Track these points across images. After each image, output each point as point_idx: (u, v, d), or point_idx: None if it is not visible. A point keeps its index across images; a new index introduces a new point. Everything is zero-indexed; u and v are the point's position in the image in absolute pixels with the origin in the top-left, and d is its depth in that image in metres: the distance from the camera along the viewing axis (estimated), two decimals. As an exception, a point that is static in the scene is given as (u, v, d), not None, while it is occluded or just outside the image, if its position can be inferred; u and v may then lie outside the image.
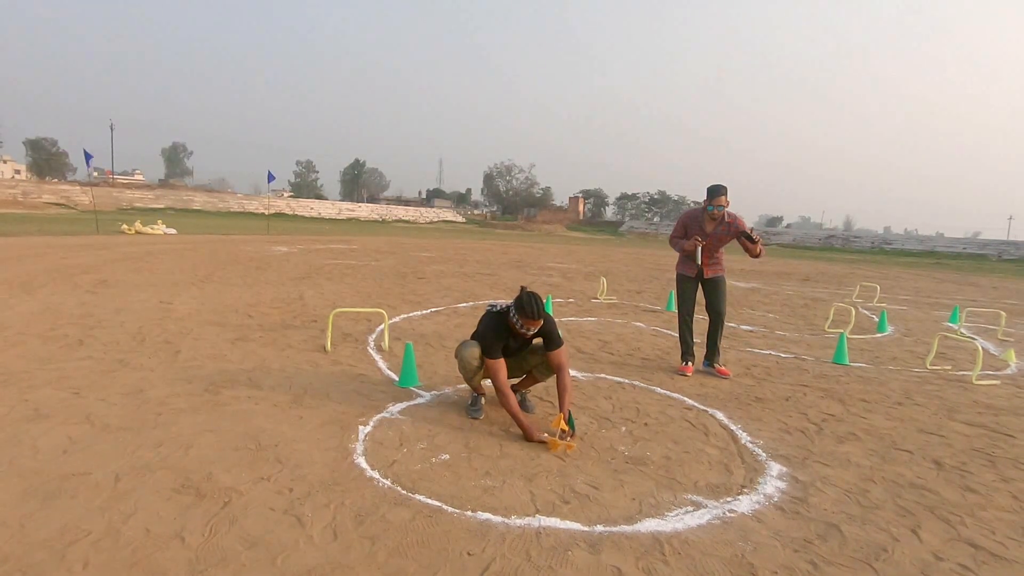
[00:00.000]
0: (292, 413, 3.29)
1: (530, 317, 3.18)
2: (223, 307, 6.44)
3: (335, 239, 22.68)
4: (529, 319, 3.19)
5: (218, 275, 9.19)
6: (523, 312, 3.19)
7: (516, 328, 3.25)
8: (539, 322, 3.22)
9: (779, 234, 65.76)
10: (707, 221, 4.71)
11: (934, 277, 20.60)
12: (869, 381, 4.82)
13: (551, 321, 3.36)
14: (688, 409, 3.82)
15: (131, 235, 19.35)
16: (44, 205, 42.02)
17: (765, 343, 6.23)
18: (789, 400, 4.15)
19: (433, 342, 5.34)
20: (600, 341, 5.81)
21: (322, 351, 4.76)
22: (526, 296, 3.21)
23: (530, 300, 3.19)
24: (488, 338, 3.27)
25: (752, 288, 12.18)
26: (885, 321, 7.58)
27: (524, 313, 3.19)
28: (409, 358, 3.98)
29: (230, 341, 4.90)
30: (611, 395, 4.04)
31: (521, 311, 3.20)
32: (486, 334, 3.29)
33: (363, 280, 9.63)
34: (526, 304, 3.18)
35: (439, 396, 3.79)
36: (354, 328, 5.68)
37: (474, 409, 3.48)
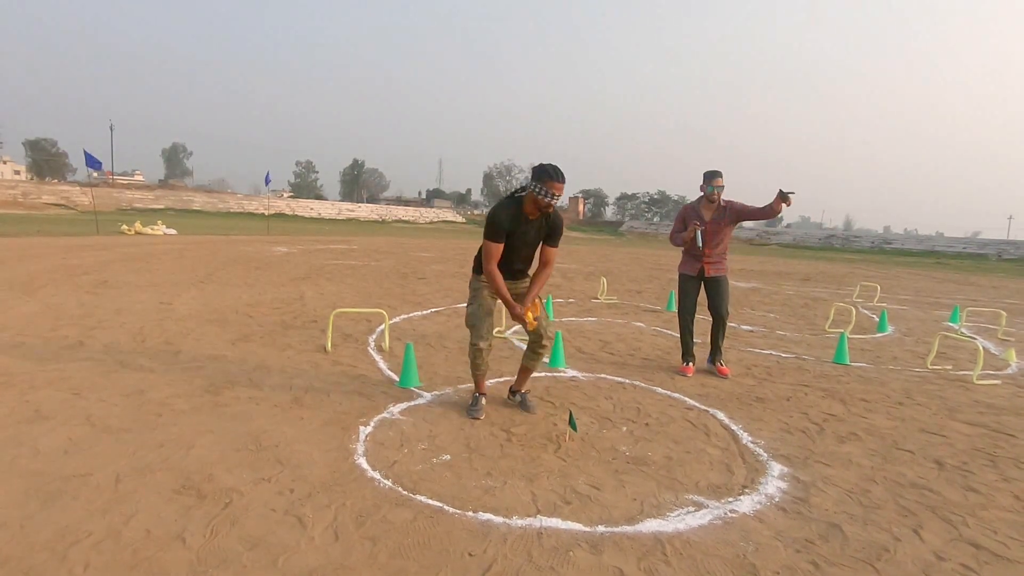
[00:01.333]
0: (293, 414, 3.29)
1: (554, 179, 3.15)
2: (223, 307, 6.44)
3: (335, 239, 22.69)
4: (553, 181, 3.15)
5: (218, 275, 9.19)
6: (546, 176, 3.15)
7: (538, 200, 3.18)
8: (562, 185, 3.20)
9: (779, 234, 65.76)
10: (705, 208, 4.71)
11: (934, 277, 20.59)
12: (870, 381, 4.82)
13: (561, 220, 3.43)
14: (689, 409, 3.82)
15: (131, 236, 19.36)
16: (44, 206, 42.04)
17: (766, 343, 6.23)
18: (790, 400, 4.15)
19: (434, 342, 5.34)
20: (601, 341, 5.81)
21: (323, 351, 4.76)
22: (547, 165, 3.21)
23: (552, 166, 3.20)
24: (495, 218, 3.26)
25: (752, 288, 12.18)
26: (886, 321, 7.58)
27: (548, 176, 3.15)
28: (409, 358, 3.98)
29: (230, 341, 4.90)
30: (612, 395, 4.03)
31: (544, 175, 3.16)
32: (495, 213, 3.28)
33: (363, 280, 9.63)
34: (549, 168, 3.18)
35: (440, 396, 3.79)
36: (354, 328, 5.68)
37: (474, 409, 3.48)
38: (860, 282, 14.45)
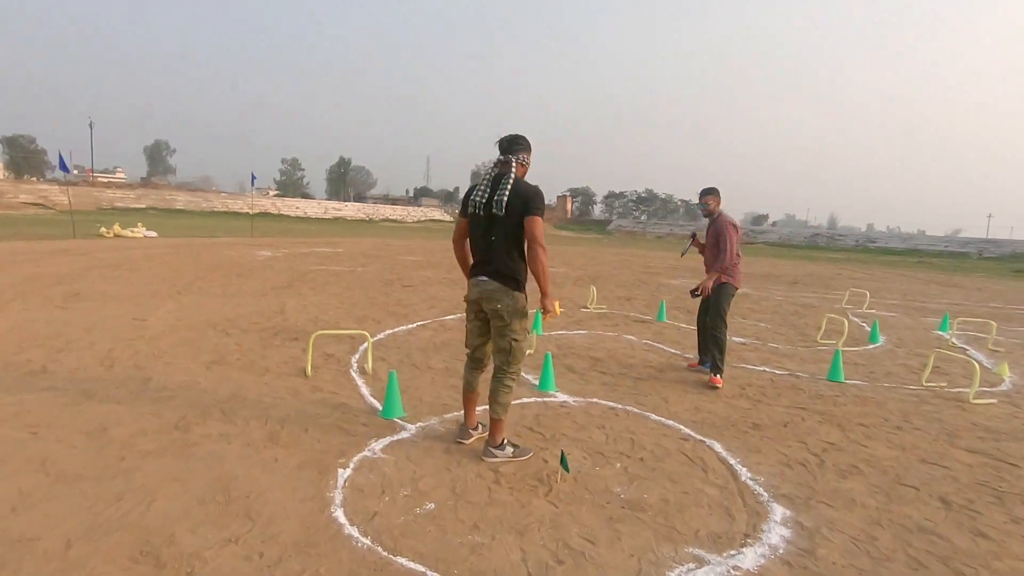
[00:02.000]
0: (267, 454, 3.09)
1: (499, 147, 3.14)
2: (200, 323, 6.20)
3: (320, 241, 22.36)
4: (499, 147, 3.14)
5: (198, 284, 8.92)
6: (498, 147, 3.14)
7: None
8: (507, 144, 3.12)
9: (764, 232, 66.26)
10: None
11: (919, 278, 20.74)
12: (866, 402, 4.71)
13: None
14: (684, 440, 3.67)
15: (110, 238, 18.90)
16: (21, 205, 41.07)
17: (758, 357, 6.12)
18: (787, 426, 4.02)
19: (419, 362, 5.15)
20: (591, 359, 5.66)
21: (302, 375, 4.56)
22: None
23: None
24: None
25: (741, 294, 12.09)
26: (877, 331, 7.51)
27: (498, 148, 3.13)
28: (392, 388, 3.79)
29: (205, 365, 4.67)
30: (604, 424, 3.88)
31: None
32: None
33: (348, 289, 9.40)
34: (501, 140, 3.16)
35: (424, 429, 3.61)
36: (337, 348, 5.47)
37: (463, 433, 3.39)
38: (849, 287, 14.44)
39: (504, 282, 3.05)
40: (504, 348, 3.15)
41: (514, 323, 3.11)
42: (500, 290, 3.05)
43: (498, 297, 3.05)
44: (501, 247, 3.02)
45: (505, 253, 3.03)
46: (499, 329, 3.13)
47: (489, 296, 3.07)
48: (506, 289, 3.05)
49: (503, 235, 3.01)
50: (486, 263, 3.09)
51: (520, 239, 3.06)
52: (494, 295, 3.05)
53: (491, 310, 3.10)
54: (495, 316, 3.11)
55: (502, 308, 3.06)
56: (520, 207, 2.97)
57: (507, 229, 3.00)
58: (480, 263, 3.14)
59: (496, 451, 3.20)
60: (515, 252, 3.06)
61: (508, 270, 3.05)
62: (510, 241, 3.02)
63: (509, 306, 3.06)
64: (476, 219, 3.10)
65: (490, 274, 3.07)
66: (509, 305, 3.06)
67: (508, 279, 3.05)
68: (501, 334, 3.14)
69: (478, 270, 3.15)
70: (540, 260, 2.98)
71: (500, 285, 3.05)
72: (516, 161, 3.10)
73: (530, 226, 2.98)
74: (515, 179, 3.03)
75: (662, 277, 15.11)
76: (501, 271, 3.05)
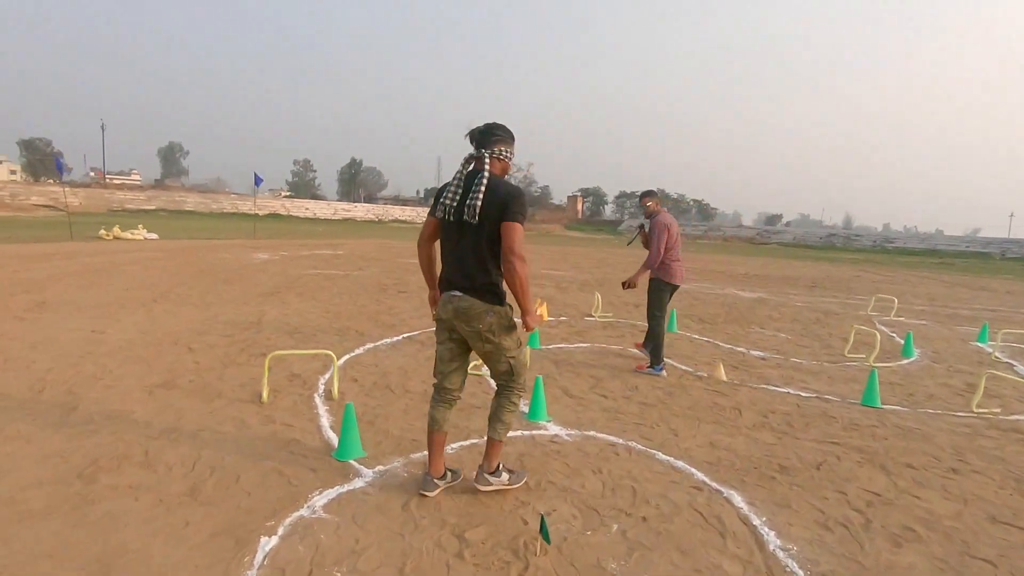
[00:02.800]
0: (178, 515, 2.50)
1: (471, 140, 2.69)
2: (163, 336, 5.65)
3: (323, 243, 21.89)
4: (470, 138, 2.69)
5: (177, 291, 8.40)
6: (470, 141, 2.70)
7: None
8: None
9: (779, 232, 65.00)
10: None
11: (943, 280, 19.83)
12: (910, 434, 4.05)
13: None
14: (697, 489, 3.04)
15: (109, 240, 18.56)
16: (32, 207, 41.18)
17: (781, 376, 5.45)
18: (821, 469, 3.38)
19: (395, 384, 4.56)
20: (591, 378, 5.03)
21: (258, 401, 3.98)
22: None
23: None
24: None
25: (758, 299, 11.40)
26: (911, 344, 6.80)
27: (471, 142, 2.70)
28: (349, 424, 3.20)
29: (150, 389, 4.11)
30: (602, 466, 3.26)
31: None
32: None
33: (337, 296, 8.84)
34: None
35: (383, 475, 3.01)
36: (305, 366, 4.89)
37: (427, 483, 2.81)
38: (873, 292, 13.67)
39: (482, 297, 2.60)
40: (504, 370, 2.76)
41: (504, 341, 2.68)
42: (479, 306, 2.60)
43: (478, 315, 2.61)
44: (477, 257, 2.59)
45: (480, 264, 2.59)
46: (490, 353, 2.70)
47: (467, 315, 2.61)
48: (486, 305, 2.60)
49: (479, 244, 2.58)
50: (461, 276, 2.63)
51: (496, 247, 2.59)
52: (473, 313, 2.60)
53: (472, 332, 2.64)
54: (479, 339, 2.66)
55: (485, 328, 2.62)
56: (496, 212, 2.53)
57: (483, 237, 2.57)
58: (453, 276, 2.66)
59: (492, 478, 2.81)
60: (490, 263, 2.61)
61: (486, 283, 2.60)
62: (486, 250, 2.59)
63: (493, 324, 2.62)
64: (447, 225, 2.66)
65: (465, 289, 2.62)
66: (491, 323, 2.62)
67: (486, 293, 2.61)
68: (495, 358, 2.72)
69: (451, 283, 2.67)
70: (517, 273, 2.52)
71: (478, 301, 2.60)
72: (492, 156, 2.64)
73: (506, 234, 2.52)
74: (490, 179, 2.57)
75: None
76: (477, 285, 2.60)
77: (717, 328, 7.86)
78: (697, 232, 65.65)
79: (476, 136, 2.66)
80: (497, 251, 2.58)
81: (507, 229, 2.52)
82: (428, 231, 2.80)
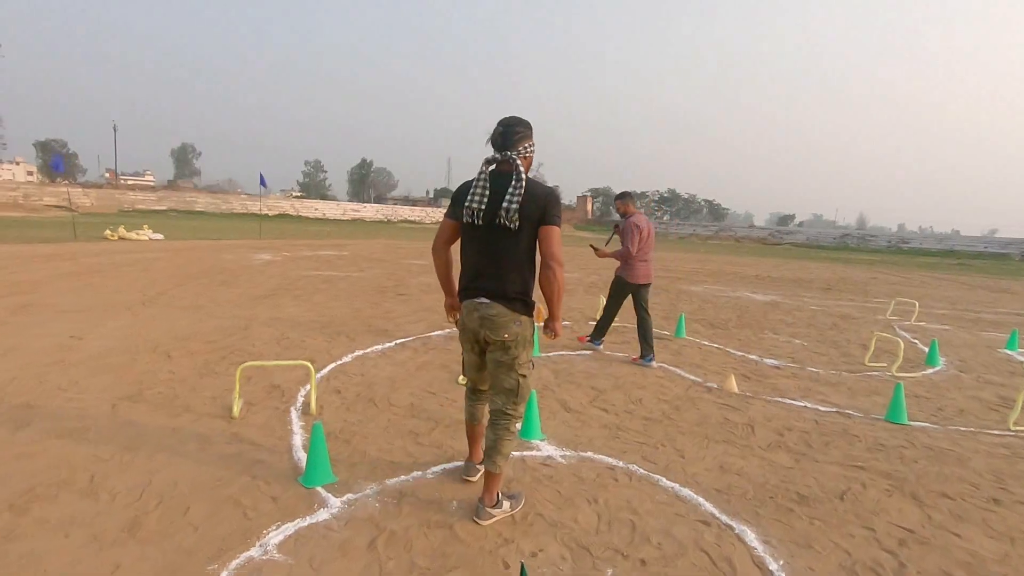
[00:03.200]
0: (109, 557, 2.20)
1: (493, 144, 2.52)
2: (143, 343, 5.38)
3: (329, 243, 21.68)
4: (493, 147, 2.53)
5: (170, 294, 8.15)
6: (492, 143, 2.53)
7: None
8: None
9: (792, 233, 64.11)
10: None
11: (962, 283, 19.23)
12: (943, 456, 3.67)
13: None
14: (705, 523, 2.69)
15: (113, 241, 18.46)
16: (44, 208, 41.44)
17: (797, 388, 5.08)
18: (845, 499, 3.01)
19: (380, 396, 4.24)
20: (593, 390, 4.69)
21: (228, 416, 3.69)
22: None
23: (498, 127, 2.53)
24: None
25: (771, 302, 10.98)
26: (936, 352, 6.38)
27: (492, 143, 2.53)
28: (318, 447, 2.89)
29: (113, 402, 3.83)
30: (598, 495, 2.92)
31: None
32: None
33: (334, 299, 8.55)
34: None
35: (352, 504, 2.69)
36: (286, 376, 4.59)
37: (468, 469, 2.96)
38: (891, 295, 13.19)
39: (511, 305, 2.49)
40: (509, 387, 2.60)
41: (522, 355, 2.58)
42: (506, 315, 2.49)
43: (504, 324, 2.49)
44: (514, 264, 2.48)
45: (515, 270, 2.48)
46: (503, 364, 2.57)
47: (493, 323, 2.50)
48: (513, 314, 2.50)
49: (512, 248, 2.46)
50: (488, 280, 2.50)
51: (532, 252, 2.52)
52: (500, 322, 2.49)
53: (496, 341, 2.52)
54: (499, 348, 2.54)
55: (509, 338, 2.51)
56: (536, 215, 2.43)
57: (518, 241, 2.46)
58: (478, 280, 2.53)
59: (494, 511, 2.62)
60: (527, 268, 2.52)
61: (517, 290, 2.49)
62: (521, 255, 2.48)
63: (517, 334, 2.52)
64: (472, 229, 2.52)
65: (492, 295, 2.49)
66: (517, 333, 2.52)
67: (516, 301, 2.50)
68: (506, 370, 2.58)
69: (475, 290, 2.54)
70: (558, 279, 2.45)
71: (506, 309, 2.49)
72: (520, 155, 2.49)
73: (547, 239, 2.44)
74: (526, 180, 2.45)
75: (683, 283, 14.00)
76: (508, 292, 2.48)
77: (728, 334, 7.48)
78: (708, 232, 64.95)
79: (498, 139, 2.50)
80: (532, 255, 2.50)
81: (548, 233, 2.42)
82: (446, 235, 2.65)
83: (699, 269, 18.75)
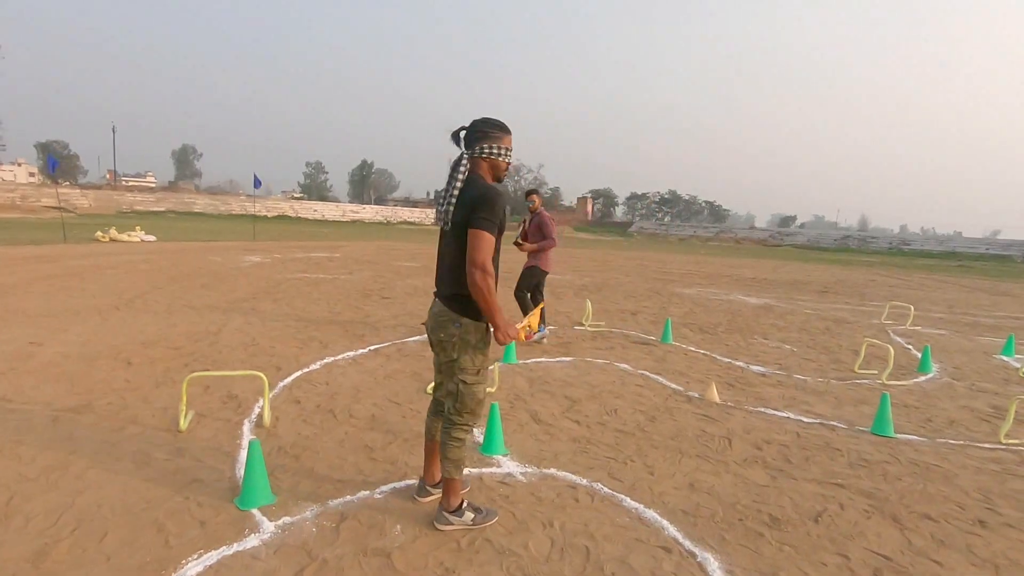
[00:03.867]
0: (3, 592, 2.02)
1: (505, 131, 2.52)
2: (105, 349, 5.21)
3: (321, 246, 21.52)
4: (507, 134, 2.52)
5: (145, 297, 7.98)
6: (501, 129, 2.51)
7: (502, 166, 2.56)
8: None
9: (792, 234, 63.86)
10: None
11: (963, 285, 19.01)
12: (929, 473, 3.47)
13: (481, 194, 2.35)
14: (666, 550, 2.50)
15: (104, 243, 18.30)
16: (42, 209, 41.31)
17: (781, 396, 4.88)
18: (820, 521, 2.82)
19: (340, 407, 4.05)
20: (566, 400, 4.50)
21: (175, 429, 3.50)
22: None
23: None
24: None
25: (764, 305, 10.78)
26: (929, 359, 6.18)
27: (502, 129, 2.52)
28: (254, 466, 2.70)
29: (57, 413, 3.65)
30: (554, 517, 2.73)
31: (499, 128, 2.51)
32: (500, 193, 2.52)
33: (314, 302, 8.37)
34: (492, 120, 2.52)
35: (286, 530, 2.50)
36: (244, 386, 4.40)
37: (420, 489, 2.83)
38: (887, 298, 12.99)
39: (450, 305, 2.48)
40: (451, 391, 2.57)
41: (462, 359, 2.50)
42: (445, 315, 2.48)
43: (442, 324, 2.49)
44: (449, 264, 2.49)
45: (451, 271, 2.47)
46: (447, 367, 2.57)
47: (435, 321, 2.52)
48: (452, 314, 2.47)
49: (452, 250, 2.46)
50: (438, 282, 2.56)
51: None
52: (439, 321, 2.50)
53: (436, 341, 2.54)
54: (440, 349, 2.54)
55: (446, 338, 2.49)
56: (463, 216, 2.37)
57: (452, 242, 2.46)
58: (436, 282, 2.59)
59: (452, 516, 2.57)
60: (461, 270, 2.42)
61: (454, 292, 2.46)
62: (458, 255, 2.42)
63: (453, 336, 2.46)
64: (441, 230, 2.56)
65: (439, 296, 2.54)
66: (453, 335, 2.46)
67: (453, 302, 2.47)
68: (449, 373, 2.56)
69: (436, 290, 2.58)
70: (477, 285, 2.33)
71: (445, 308, 2.49)
72: (473, 155, 2.47)
73: (468, 243, 2.34)
74: (467, 180, 2.43)
75: (677, 285, 13.80)
76: (446, 293, 2.50)
77: (717, 339, 7.28)
78: (708, 234, 64.72)
79: (457, 137, 2.49)
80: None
81: (470, 237, 2.33)
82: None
83: (695, 271, 18.55)
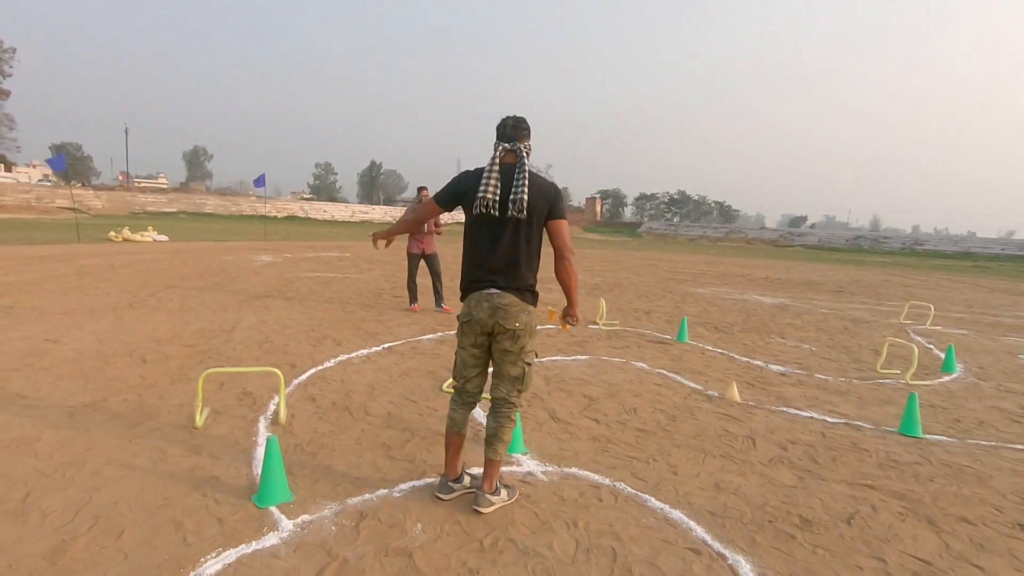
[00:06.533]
0: (20, 590, 1.98)
1: (499, 135, 2.60)
2: (120, 346, 5.19)
3: (332, 245, 21.56)
4: (500, 138, 2.60)
5: (158, 296, 7.98)
6: (500, 134, 2.61)
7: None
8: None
9: (804, 235, 63.38)
10: None
11: (980, 285, 18.74)
12: (962, 475, 3.36)
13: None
14: (695, 552, 2.42)
15: (117, 242, 18.44)
16: (57, 210, 41.75)
17: (803, 396, 4.78)
18: (852, 523, 2.73)
19: (356, 405, 4.00)
20: (585, 398, 4.43)
21: (191, 425, 3.46)
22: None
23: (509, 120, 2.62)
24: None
25: (780, 305, 10.64)
26: (953, 359, 6.05)
27: (500, 135, 2.60)
28: (272, 463, 2.65)
29: (71, 411, 3.62)
30: (579, 517, 2.65)
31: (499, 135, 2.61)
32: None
33: (326, 301, 8.35)
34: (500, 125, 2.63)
35: (306, 528, 2.45)
36: (259, 383, 4.36)
37: (442, 486, 2.78)
38: (905, 298, 12.80)
39: (523, 296, 2.58)
40: (516, 375, 2.65)
41: (530, 343, 2.65)
42: (517, 305, 2.56)
43: (515, 314, 2.56)
44: (525, 255, 2.58)
45: (528, 263, 2.60)
46: (511, 353, 2.61)
47: (506, 312, 2.54)
48: (524, 304, 2.58)
49: (525, 241, 2.56)
50: (498, 273, 2.56)
51: (538, 245, 2.62)
52: (512, 311, 2.55)
53: (507, 331, 2.57)
54: (509, 338, 2.58)
55: (520, 327, 2.57)
56: (543, 209, 2.56)
57: (528, 233, 2.56)
58: (488, 272, 2.57)
59: (493, 497, 2.68)
60: (535, 261, 2.64)
61: (527, 282, 2.60)
62: (530, 247, 2.59)
63: (527, 324, 2.59)
64: (484, 220, 2.56)
65: (504, 287, 2.56)
66: (527, 323, 2.59)
67: (527, 292, 2.60)
68: (514, 358, 2.62)
69: (484, 281, 2.58)
70: (573, 270, 2.63)
71: (517, 299, 2.56)
72: (525, 149, 2.60)
73: (560, 231, 2.59)
74: (531, 174, 2.55)
75: (689, 284, 13.68)
76: (522, 285, 2.58)
77: (734, 338, 7.18)
78: (718, 234, 64.34)
79: (507, 130, 2.59)
80: (538, 247, 2.61)
81: (559, 227, 2.57)
82: (426, 216, 2.86)
83: (707, 271, 18.40)
